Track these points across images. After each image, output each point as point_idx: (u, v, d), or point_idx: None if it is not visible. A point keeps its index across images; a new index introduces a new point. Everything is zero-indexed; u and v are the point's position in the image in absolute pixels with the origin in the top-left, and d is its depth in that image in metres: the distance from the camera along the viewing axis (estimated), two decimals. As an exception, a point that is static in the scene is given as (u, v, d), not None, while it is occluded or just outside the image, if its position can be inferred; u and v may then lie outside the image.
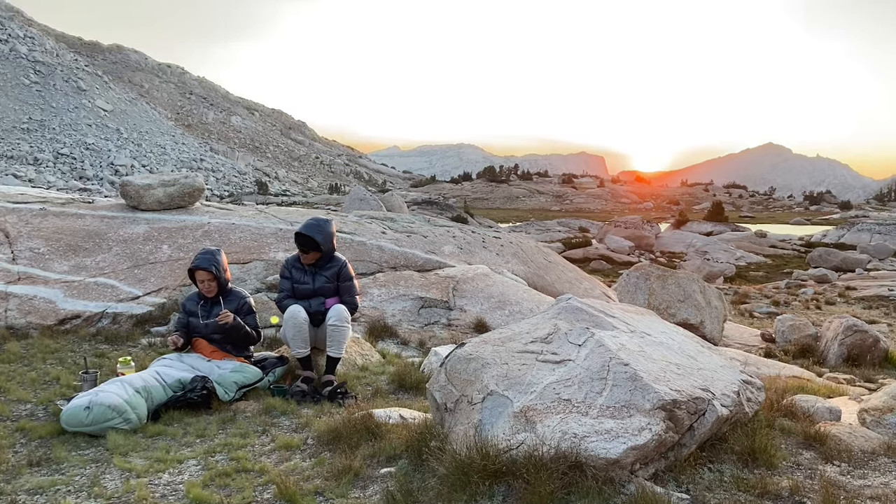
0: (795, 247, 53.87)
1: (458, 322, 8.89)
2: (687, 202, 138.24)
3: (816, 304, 25.09)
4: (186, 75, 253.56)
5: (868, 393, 7.40)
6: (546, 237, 54.49)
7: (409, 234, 11.28)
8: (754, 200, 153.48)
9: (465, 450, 3.59)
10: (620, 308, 5.21)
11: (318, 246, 6.17)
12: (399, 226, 11.66)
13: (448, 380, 4.17)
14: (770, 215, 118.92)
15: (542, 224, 67.99)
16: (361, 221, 11.58)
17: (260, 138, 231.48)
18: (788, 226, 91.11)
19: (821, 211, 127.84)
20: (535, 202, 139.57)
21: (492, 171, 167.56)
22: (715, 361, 4.65)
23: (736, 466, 3.91)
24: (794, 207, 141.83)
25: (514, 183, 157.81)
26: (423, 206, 67.33)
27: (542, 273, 12.24)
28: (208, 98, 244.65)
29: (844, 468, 4.06)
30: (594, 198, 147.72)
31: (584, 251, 43.88)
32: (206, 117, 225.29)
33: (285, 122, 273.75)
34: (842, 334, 12.27)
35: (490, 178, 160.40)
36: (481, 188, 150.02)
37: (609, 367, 3.84)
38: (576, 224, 67.70)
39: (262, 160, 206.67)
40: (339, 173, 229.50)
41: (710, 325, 12.15)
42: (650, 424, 3.51)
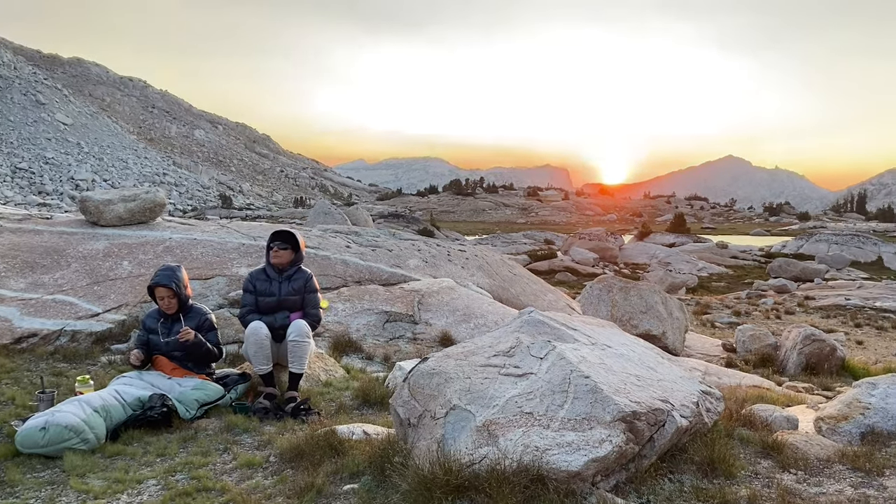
0: (756, 257, 54.83)
1: (424, 336, 8.88)
2: (650, 214, 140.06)
3: (776, 313, 25.54)
4: (149, 89, 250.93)
5: (825, 401, 7.54)
6: (512, 249, 54.76)
7: (374, 248, 11.27)
8: (715, 212, 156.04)
9: (428, 465, 3.58)
10: (582, 320, 5.27)
11: (295, 241, 6.17)
12: (364, 239, 11.64)
13: (411, 395, 4.17)
14: (731, 227, 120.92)
15: (508, 236, 68.30)
16: (325, 235, 11.54)
17: (224, 152, 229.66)
18: (749, 237, 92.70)
19: (780, 222, 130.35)
20: (501, 215, 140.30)
21: (458, 184, 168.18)
22: (675, 372, 4.72)
23: (696, 476, 3.96)
24: (755, 219, 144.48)
25: (480, 196, 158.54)
26: (389, 219, 67.29)
27: (507, 286, 12.30)
28: (171, 112, 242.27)
29: (801, 476, 4.14)
30: (559, 210, 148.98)
31: (550, 263, 44.19)
32: (168, 131, 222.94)
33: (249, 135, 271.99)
34: (800, 343, 12.50)
35: (456, 191, 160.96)
36: (448, 201, 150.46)
37: (570, 379, 3.88)
38: (541, 236, 68.16)
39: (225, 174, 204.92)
40: (304, 186, 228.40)
41: (672, 335, 12.30)
42: (611, 436, 3.54)
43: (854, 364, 13.40)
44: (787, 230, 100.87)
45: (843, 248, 54.89)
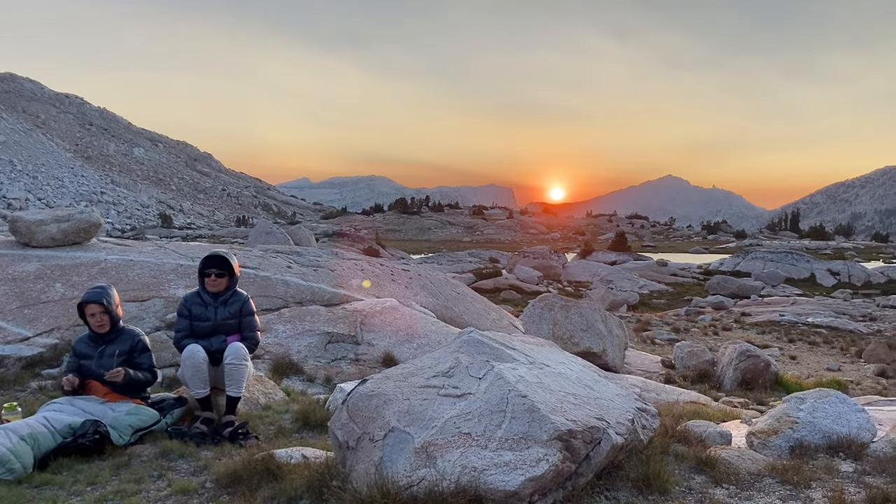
0: (695, 275, 56.11)
1: (366, 357, 8.84)
2: (592, 232, 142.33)
3: (714, 330, 26.17)
4: (86, 106, 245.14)
5: (759, 416, 7.76)
6: (458, 268, 54.91)
7: (316, 268, 11.18)
8: (655, 230, 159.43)
9: (366, 488, 3.57)
10: (521, 340, 5.31)
11: (230, 268, 6.06)
12: (306, 259, 11.55)
13: (350, 417, 4.14)
14: (671, 244, 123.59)
15: (453, 255, 68.49)
16: (266, 256, 11.41)
17: (164, 170, 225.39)
18: (688, 254, 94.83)
19: (718, 240, 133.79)
20: (446, 233, 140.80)
21: (403, 203, 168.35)
22: (611, 390, 4.79)
23: (631, 493, 4.02)
24: (693, 237, 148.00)
25: (426, 214, 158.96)
26: (334, 238, 66.81)
27: (450, 305, 12.33)
28: (109, 129, 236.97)
29: (732, 490, 4.24)
30: (504, 229, 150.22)
31: (495, 281, 44.47)
32: (107, 149, 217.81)
33: (190, 153, 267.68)
34: (736, 359, 12.83)
35: (402, 209, 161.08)
36: (393, 220, 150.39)
37: (508, 399, 3.91)
38: (486, 255, 68.49)
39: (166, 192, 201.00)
40: (246, 205, 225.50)
41: (612, 353, 12.49)
42: (547, 455, 3.58)
43: (787, 379, 13.80)
44: (724, 248, 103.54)
45: (778, 265, 56.56)
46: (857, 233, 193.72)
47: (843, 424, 5.13)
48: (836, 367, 18.72)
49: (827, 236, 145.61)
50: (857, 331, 27.15)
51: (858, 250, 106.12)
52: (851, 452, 4.90)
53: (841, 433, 5.05)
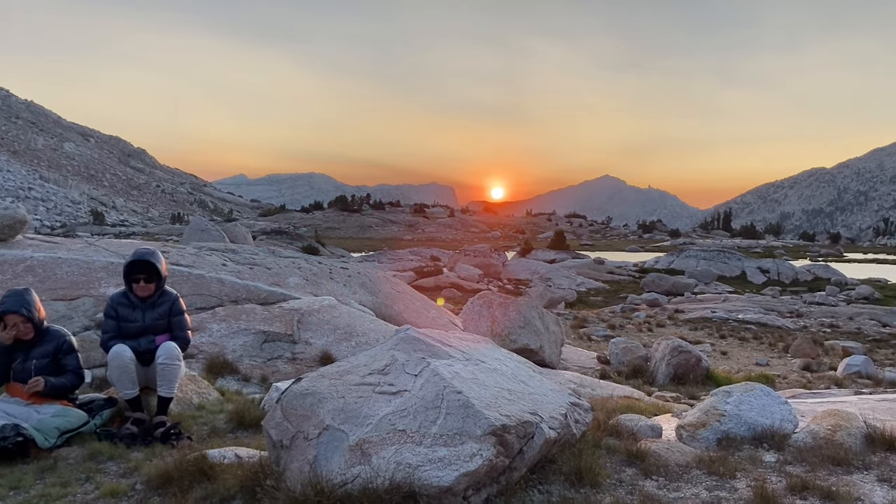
0: (630, 273, 57.28)
1: (303, 356, 8.75)
2: (532, 231, 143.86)
3: (648, 326, 26.76)
4: (12, 98, 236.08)
5: (690, 409, 7.97)
6: (399, 266, 54.82)
7: (252, 266, 11.02)
8: (593, 229, 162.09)
9: (300, 487, 3.55)
10: (458, 337, 5.34)
11: (158, 272, 5.92)
12: (241, 257, 11.36)
13: (284, 416, 4.11)
14: (608, 243, 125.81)
15: (394, 253, 68.33)
16: (200, 253, 11.19)
17: (96, 166, 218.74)
18: (624, 253, 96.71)
19: (653, 238, 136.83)
20: (387, 231, 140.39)
21: (344, 201, 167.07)
22: (545, 386, 4.86)
23: (564, 487, 4.09)
24: (629, 235, 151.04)
25: (367, 212, 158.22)
26: (272, 235, 65.88)
27: (389, 303, 12.31)
28: (38, 123, 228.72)
29: (661, 482, 4.35)
30: (445, 227, 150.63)
31: (436, 279, 44.55)
32: (35, 143, 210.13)
33: (124, 148, 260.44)
34: (668, 355, 13.15)
35: (342, 207, 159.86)
36: (333, 217, 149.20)
37: (443, 395, 3.93)
38: (428, 253, 68.56)
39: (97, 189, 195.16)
40: (182, 202, 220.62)
41: (549, 349, 12.66)
42: (481, 450, 3.61)
43: (718, 373, 14.22)
44: (659, 246, 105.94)
45: (711, 263, 58.16)
46: (785, 232, 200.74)
47: (767, 416, 5.31)
48: (764, 362, 19.35)
49: (757, 235, 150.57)
50: (784, 327, 28.14)
51: (787, 249, 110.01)
52: (774, 443, 5.08)
53: (765, 425, 5.23)
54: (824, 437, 5.10)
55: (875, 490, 4.25)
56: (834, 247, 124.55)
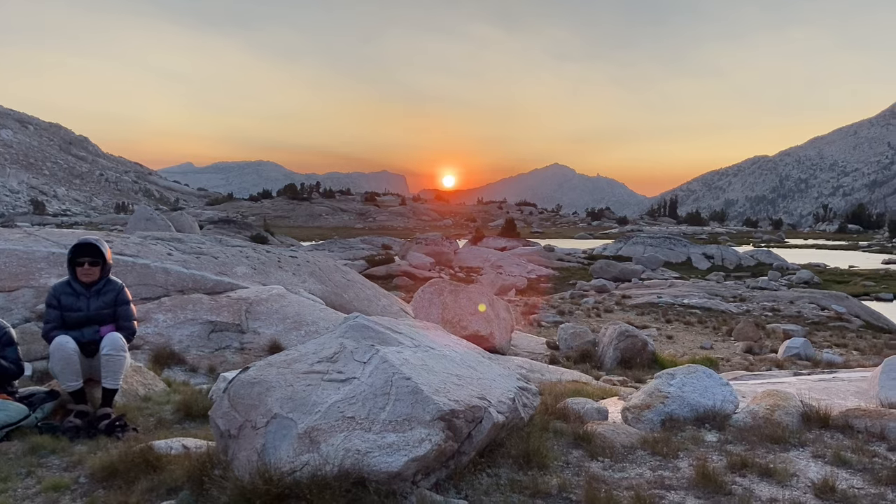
0: (580, 260, 57.99)
1: (252, 345, 8.67)
2: (483, 219, 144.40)
3: (597, 312, 27.17)
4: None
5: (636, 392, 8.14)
6: (350, 255, 54.50)
7: (199, 256, 10.85)
8: (543, 217, 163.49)
9: (248, 476, 3.53)
10: (407, 324, 5.36)
11: (103, 256, 5.79)
12: (187, 247, 11.17)
13: (231, 406, 4.07)
14: (557, 231, 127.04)
15: (345, 242, 67.90)
16: (145, 243, 10.96)
17: (35, 154, 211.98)
18: (574, 240, 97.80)
19: (602, 226, 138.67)
20: (338, 220, 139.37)
21: (293, 189, 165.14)
22: (494, 371, 4.91)
23: (512, 469, 4.15)
24: (579, 223, 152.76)
25: (317, 201, 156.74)
26: (219, 225, 64.84)
27: (340, 291, 12.25)
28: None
29: (607, 463, 4.45)
30: (397, 215, 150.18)
31: (388, 268, 44.44)
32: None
33: (65, 136, 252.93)
34: (615, 339, 13.39)
35: (291, 195, 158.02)
36: (282, 206, 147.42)
37: (392, 382, 3.94)
38: (379, 241, 68.28)
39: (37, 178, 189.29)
40: (126, 191, 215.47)
41: (499, 335, 12.77)
42: (430, 435, 3.64)
43: (664, 357, 14.53)
44: (607, 234, 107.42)
45: (657, 249, 59.22)
46: (729, 218, 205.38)
47: (708, 398, 5.46)
48: (708, 346, 19.84)
49: (702, 222, 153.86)
50: (728, 311, 28.85)
51: (731, 235, 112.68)
52: (716, 423, 5.22)
53: (707, 406, 5.37)
54: (763, 417, 5.27)
55: (810, 466, 4.42)
56: (776, 233, 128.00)
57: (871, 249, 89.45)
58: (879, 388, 6.14)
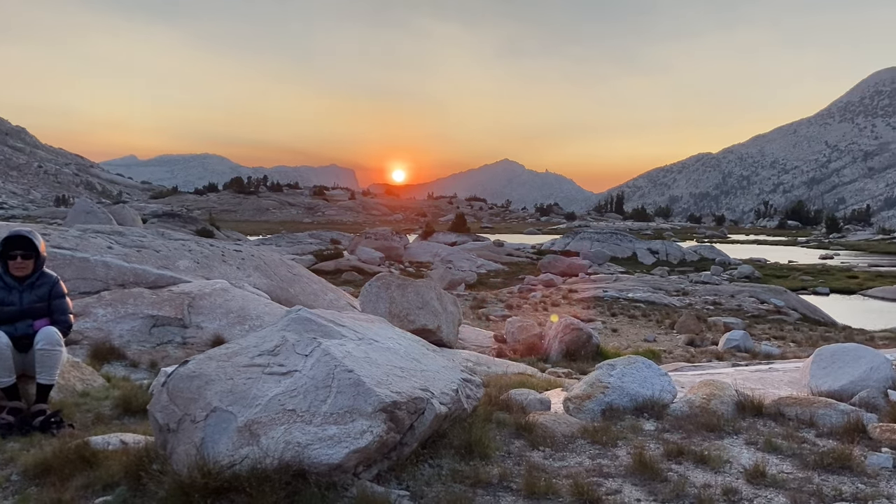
0: (528, 254, 58.50)
1: (195, 340, 8.55)
2: (433, 214, 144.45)
3: (544, 306, 27.46)
4: None
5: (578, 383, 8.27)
6: (297, 249, 53.98)
7: (140, 249, 10.63)
8: (493, 212, 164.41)
9: (187, 470, 3.49)
10: (351, 317, 5.35)
11: (36, 249, 5.63)
12: (128, 240, 10.93)
13: (170, 399, 4.02)
14: (507, 226, 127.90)
15: (293, 236, 67.18)
16: (85, 236, 10.69)
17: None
18: (523, 235, 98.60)
19: (550, 221, 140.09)
20: (285, 214, 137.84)
21: (239, 182, 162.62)
22: (438, 363, 4.94)
23: (454, 460, 4.19)
24: (528, 218, 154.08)
25: (264, 194, 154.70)
26: (164, 218, 63.49)
27: (285, 286, 12.15)
28: None
29: (548, 453, 4.52)
30: (346, 210, 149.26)
31: (336, 263, 44.15)
32: None
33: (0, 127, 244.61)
34: (561, 332, 13.58)
35: (238, 189, 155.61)
36: (228, 200, 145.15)
37: (334, 374, 3.94)
38: (328, 236, 67.77)
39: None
40: (67, 184, 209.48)
41: (447, 329, 12.83)
42: (372, 427, 3.65)
43: (608, 349, 14.78)
44: (556, 229, 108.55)
45: (604, 245, 60.06)
46: (674, 214, 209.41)
47: (647, 388, 5.59)
48: (651, 338, 20.23)
49: (648, 218, 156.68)
50: (671, 304, 29.47)
51: (675, 231, 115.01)
52: (654, 413, 5.35)
53: (646, 395, 5.50)
54: (700, 406, 5.42)
55: (743, 453, 4.56)
56: (718, 228, 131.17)
57: (809, 245, 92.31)
58: (810, 378, 6.35)
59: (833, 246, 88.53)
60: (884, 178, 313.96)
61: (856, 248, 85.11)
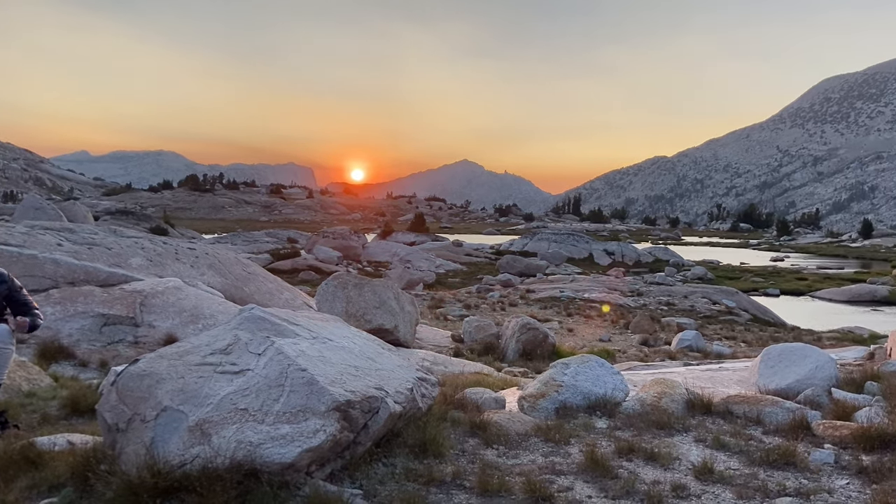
0: (487, 255, 58.68)
1: (147, 339, 8.41)
2: (392, 213, 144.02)
3: (502, 306, 27.58)
4: None
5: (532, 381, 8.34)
6: (254, 248, 53.34)
7: (91, 247, 10.42)
8: (452, 212, 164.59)
9: (136, 470, 3.45)
10: (306, 316, 5.32)
11: None
12: (79, 237, 10.70)
13: (120, 399, 3.95)
14: (466, 226, 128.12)
15: (249, 235, 66.33)
16: (33, 233, 10.44)
17: None
18: (482, 235, 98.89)
19: (509, 222, 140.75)
20: (242, 212, 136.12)
21: (195, 180, 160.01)
22: (393, 362, 4.94)
23: (408, 459, 4.20)
24: (487, 219, 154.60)
25: (220, 192, 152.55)
26: (117, 216, 62.20)
27: (240, 285, 12.01)
28: None
29: (502, 450, 4.56)
30: (304, 209, 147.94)
31: (293, 262, 43.70)
32: None
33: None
34: (518, 332, 13.66)
35: (193, 186, 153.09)
36: (184, 197, 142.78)
37: (287, 373, 3.92)
38: (285, 235, 67.06)
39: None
40: (14, 180, 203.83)
41: (404, 328, 12.81)
42: (325, 426, 3.64)
43: (563, 349, 14.90)
44: (514, 229, 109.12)
45: (561, 245, 60.52)
46: (630, 216, 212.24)
47: (600, 386, 5.67)
48: (607, 338, 20.46)
49: (604, 219, 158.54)
50: (626, 305, 29.83)
51: (631, 232, 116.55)
52: (607, 410, 5.43)
53: (598, 394, 5.58)
54: (651, 404, 5.51)
55: (692, 450, 4.65)
56: (673, 231, 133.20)
57: (760, 247, 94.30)
58: (758, 377, 6.51)
59: (783, 248, 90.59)
60: (832, 182, 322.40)
61: (805, 251, 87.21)
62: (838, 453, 4.53)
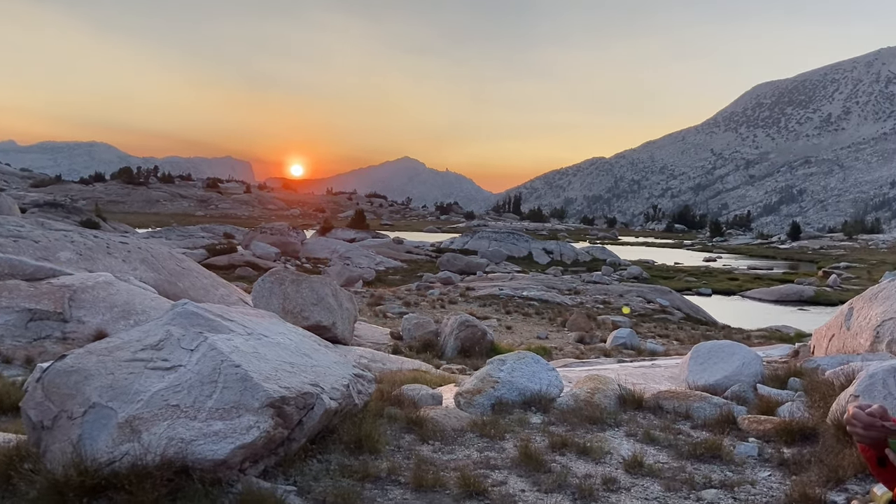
0: (428, 252, 58.76)
1: (76, 335, 8.17)
2: (332, 210, 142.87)
3: (441, 303, 27.68)
4: None
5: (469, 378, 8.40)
6: (189, 243, 52.17)
7: (17, 239, 10.06)
8: (393, 209, 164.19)
9: (62, 468, 3.36)
10: (241, 312, 5.26)
11: None
12: (4, 229, 10.31)
13: (45, 395, 3.84)
14: (407, 223, 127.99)
15: (184, 229, 64.83)
16: (-46, 225, 10.04)
17: None
18: (423, 233, 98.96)
19: (450, 220, 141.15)
20: (177, 206, 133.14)
21: (128, 173, 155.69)
22: (329, 358, 4.92)
23: (343, 455, 4.19)
24: (428, 217, 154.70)
25: (154, 186, 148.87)
26: (45, 208, 60.04)
27: (174, 280, 11.77)
28: None
29: (437, 446, 4.59)
30: (241, 203, 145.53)
31: (230, 258, 42.95)
32: None
33: None
34: (456, 329, 13.74)
35: (127, 179, 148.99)
36: (116, 190, 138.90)
37: (220, 369, 3.87)
38: (221, 230, 65.79)
39: None
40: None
41: (342, 325, 12.74)
42: (259, 422, 3.61)
43: (502, 346, 15.06)
44: (455, 227, 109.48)
45: (501, 244, 61.00)
46: (568, 216, 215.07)
47: (536, 382, 5.76)
48: (544, 335, 20.74)
49: (544, 219, 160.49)
50: (563, 303, 30.29)
51: (570, 232, 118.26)
52: (542, 406, 5.52)
53: (534, 390, 5.67)
54: (584, 400, 5.63)
55: (623, 444, 4.77)
56: (610, 230, 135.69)
57: (694, 248, 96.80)
58: (688, 373, 6.70)
59: (716, 249, 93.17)
60: (763, 185, 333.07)
61: (737, 252, 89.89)
62: (761, 446, 4.70)
